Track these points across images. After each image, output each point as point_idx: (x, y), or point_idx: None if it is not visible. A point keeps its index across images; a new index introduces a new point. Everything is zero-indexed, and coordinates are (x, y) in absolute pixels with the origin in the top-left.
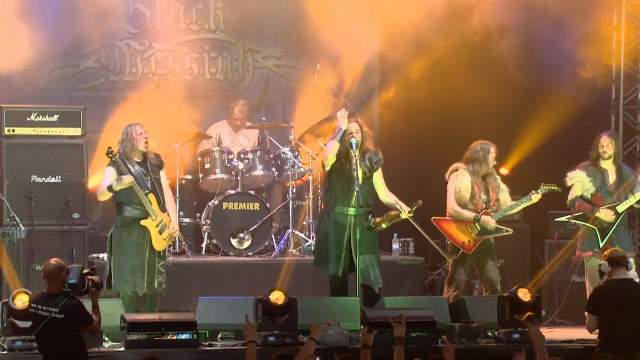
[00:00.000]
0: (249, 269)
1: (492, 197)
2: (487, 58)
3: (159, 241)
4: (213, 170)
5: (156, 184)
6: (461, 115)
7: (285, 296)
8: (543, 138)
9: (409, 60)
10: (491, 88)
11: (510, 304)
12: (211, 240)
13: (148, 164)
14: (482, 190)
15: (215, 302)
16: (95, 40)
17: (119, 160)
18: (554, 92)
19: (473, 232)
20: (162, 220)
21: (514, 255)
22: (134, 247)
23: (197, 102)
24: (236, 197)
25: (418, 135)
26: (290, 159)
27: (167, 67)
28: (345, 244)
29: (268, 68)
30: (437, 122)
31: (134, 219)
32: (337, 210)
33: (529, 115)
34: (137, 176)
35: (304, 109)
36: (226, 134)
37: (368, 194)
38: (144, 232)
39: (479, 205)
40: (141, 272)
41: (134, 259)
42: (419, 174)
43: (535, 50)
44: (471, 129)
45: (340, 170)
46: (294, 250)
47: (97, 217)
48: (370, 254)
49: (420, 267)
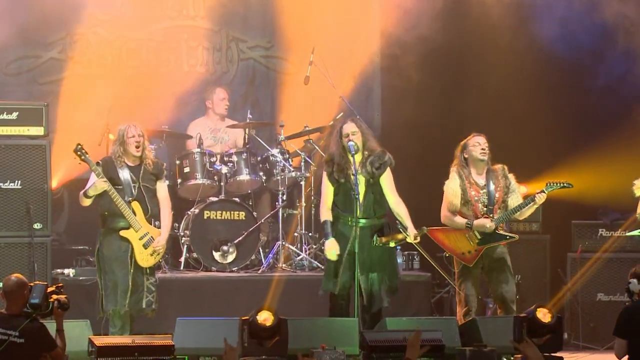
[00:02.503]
0: (233, 285)
1: (498, 199)
2: (502, 53)
3: (143, 256)
4: (193, 175)
5: (145, 192)
6: (475, 115)
7: (273, 316)
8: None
9: (415, 51)
10: (507, 86)
11: (527, 325)
12: (190, 253)
13: (141, 170)
14: (481, 192)
15: (194, 323)
16: (58, 28)
17: (88, 159)
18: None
19: (473, 241)
20: (148, 232)
21: (532, 270)
22: (114, 260)
23: (173, 98)
24: (219, 204)
25: (424, 137)
26: (279, 161)
27: (140, 59)
28: (346, 257)
29: (254, 59)
30: (447, 122)
31: (114, 230)
32: (341, 221)
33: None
34: (124, 181)
35: (295, 105)
36: (207, 131)
37: (374, 202)
38: (125, 245)
39: (477, 210)
40: (123, 288)
41: (115, 274)
42: (426, 180)
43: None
44: (486, 132)
45: (338, 184)
46: (284, 264)
47: (61, 227)
48: (376, 272)
49: (426, 283)
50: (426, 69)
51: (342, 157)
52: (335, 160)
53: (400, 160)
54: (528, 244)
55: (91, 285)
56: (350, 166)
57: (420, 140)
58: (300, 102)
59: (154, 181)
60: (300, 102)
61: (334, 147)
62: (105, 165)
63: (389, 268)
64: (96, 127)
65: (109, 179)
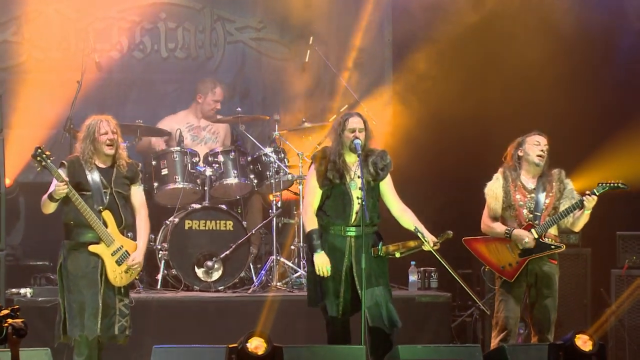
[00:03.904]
0: (219, 307)
1: (548, 205)
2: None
3: (117, 274)
4: (172, 178)
5: (118, 199)
6: (502, 105)
7: (266, 343)
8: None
9: (432, 31)
10: (540, 64)
11: (565, 354)
12: (169, 270)
13: (114, 173)
14: (528, 196)
15: (174, 351)
16: (12, 5)
17: (50, 165)
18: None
19: (514, 252)
20: (122, 246)
21: (571, 290)
22: (81, 278)
23: (149, 88)
24: (202, 213)
25: (442, 131)
26: (273, 162)
27: (110, 41)
28: (345, 274)
29: (244, 42)
30: (468, 113)
31: (82, 244)
32: (331, 231)
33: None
34: (93, 187)
35: (292, 96)
36: (188, 128)
37: (373, 208)
38: (94, 260)
39: (521, 216)
40: (93, 310)
41: (82, 293)
42: (444, 182)
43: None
44: (518, 125)
45: (331, 185)
46: (279, 283)
47: (16, 239)
48: (380, 286)
49: (445, 305)
50: (446, 54)
51: (340, 154)
52: (330, 158)
53: (418, 163)
54: (565, 259)
55: (52, 307)
56: (349, 166)
57: (439, 136)
58: (298, 93)
59: (128, 186)
60: (298, 93)
61: (333, 143)
62: (71, 167)
63: (387, 278)
64: (58, 120)
65: (76, 184)
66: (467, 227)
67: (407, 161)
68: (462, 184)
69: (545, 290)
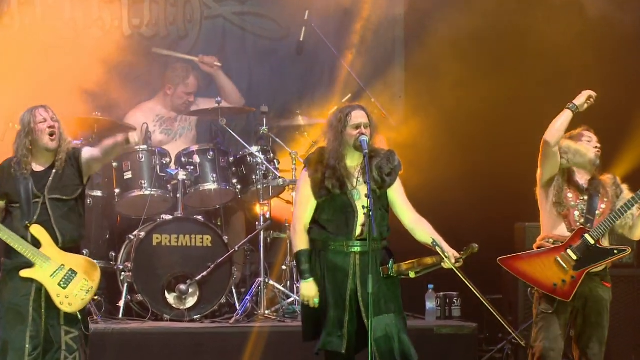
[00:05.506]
0: (194, 341)
1: (604, 210)
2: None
3: (62, 298)
4: (137, 183)
5: (53, 209)
6: (534, 85)
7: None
8: None
9: (450, 12)
10: (578, 45)
11: None
12: (133, 295)
13: (51, 175)
14: (580, 197)
15: None
16: None
17: None
18: None
19: (568, 265)
20: (64, 265)
21: (623, 317)
22: (7, 310)
23: (110, 73)
24: (174, 225)
25: (466, 124)
26: (260, 163)
27: (62, 18)
28: (349, 299)
29: (225, 17)
30: (499, 100)
31: (15, 268)
32: (331, 247)
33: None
34: (23, 197)
35: (283, 84)
36: (158, 121)
37: (382, 220)
38: (27, 288)
39: (571, 218)
40: (18, 353)
41: (5, 329)
42: (465, 186)
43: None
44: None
45: (330, 196)
46: (268, 311)
47: None
48: (392, 314)
49: (471, 337)
50: (465, 41)
51: (340, 158)
52: (328, 162)
53: (432, 160)
54: (617, 280)
55: None
56: (350, 172)
57: (462, 130)
58: (290, 79)
59: (76, 184)
60: (291, 79)
61: (331, 143)
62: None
63: (400, 303)
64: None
65: (4, 194)
66: (496, 241)
67: (422, 162)
68: (491, 188)
69: (593, 318)
